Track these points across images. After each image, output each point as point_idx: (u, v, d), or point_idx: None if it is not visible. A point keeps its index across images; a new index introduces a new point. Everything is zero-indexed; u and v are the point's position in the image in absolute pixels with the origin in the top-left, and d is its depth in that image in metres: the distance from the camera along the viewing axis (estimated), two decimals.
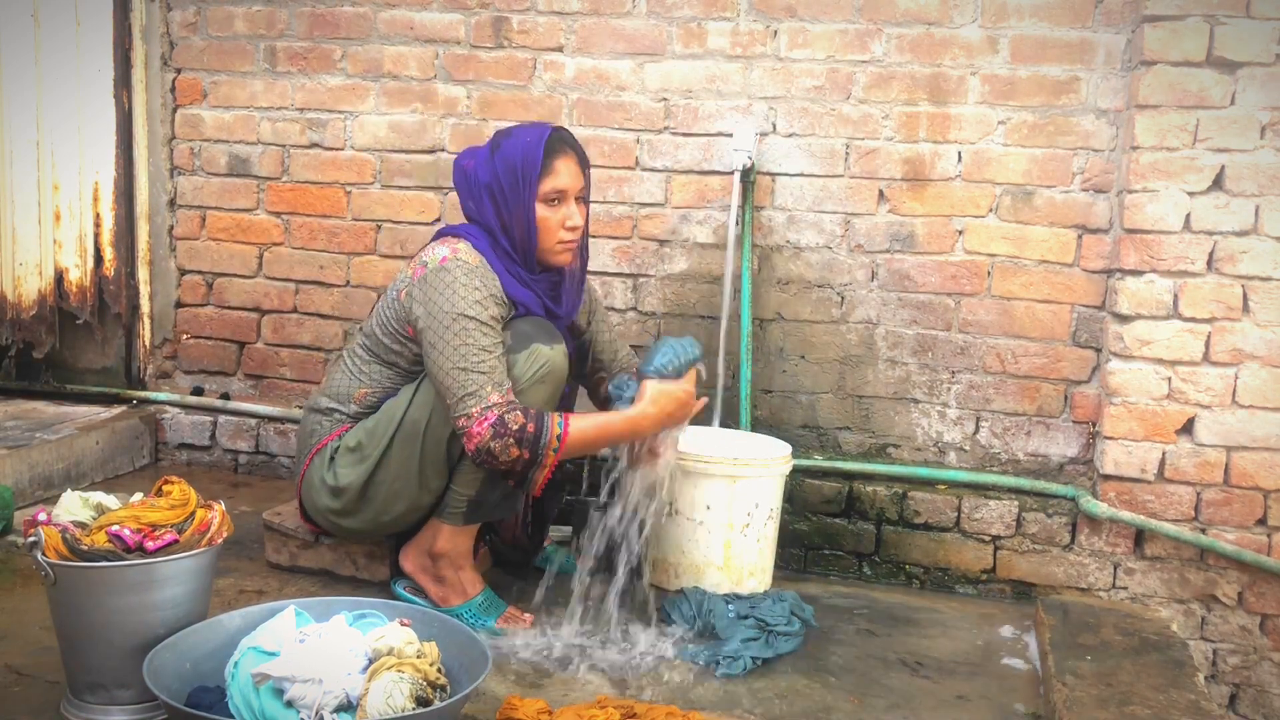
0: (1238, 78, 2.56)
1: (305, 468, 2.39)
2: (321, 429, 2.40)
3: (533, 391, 2.24)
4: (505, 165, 2.29)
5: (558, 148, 2.31)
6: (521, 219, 2.29)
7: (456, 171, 2.39)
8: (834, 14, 2.90)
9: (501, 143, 2.33)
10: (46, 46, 3.38)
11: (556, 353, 2.27)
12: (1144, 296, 2.65)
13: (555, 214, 2.31)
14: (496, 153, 2.31)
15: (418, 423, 2.27)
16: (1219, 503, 2.66)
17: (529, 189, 2.28)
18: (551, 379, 2.27)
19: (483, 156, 2.34)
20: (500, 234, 2.32)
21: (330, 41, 3.22)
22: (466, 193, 2.35)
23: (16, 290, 3.47)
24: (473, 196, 2.34)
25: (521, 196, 2.28)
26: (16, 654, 2.11)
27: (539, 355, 2.24)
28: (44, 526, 1.85)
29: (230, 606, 2.24)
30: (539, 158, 2.28)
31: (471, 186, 2.33)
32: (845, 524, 2.91)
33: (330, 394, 2.43)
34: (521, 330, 2.28)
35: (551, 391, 2.28)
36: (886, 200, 2.92)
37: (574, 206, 2.34)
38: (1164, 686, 2.17)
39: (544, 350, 2.25)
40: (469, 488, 2.29)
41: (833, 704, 2.14)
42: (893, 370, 2.96)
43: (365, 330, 2.44)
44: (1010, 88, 2.81)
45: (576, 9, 3.05)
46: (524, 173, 2.28)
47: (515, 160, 2.28)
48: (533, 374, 2.24)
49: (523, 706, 1.87)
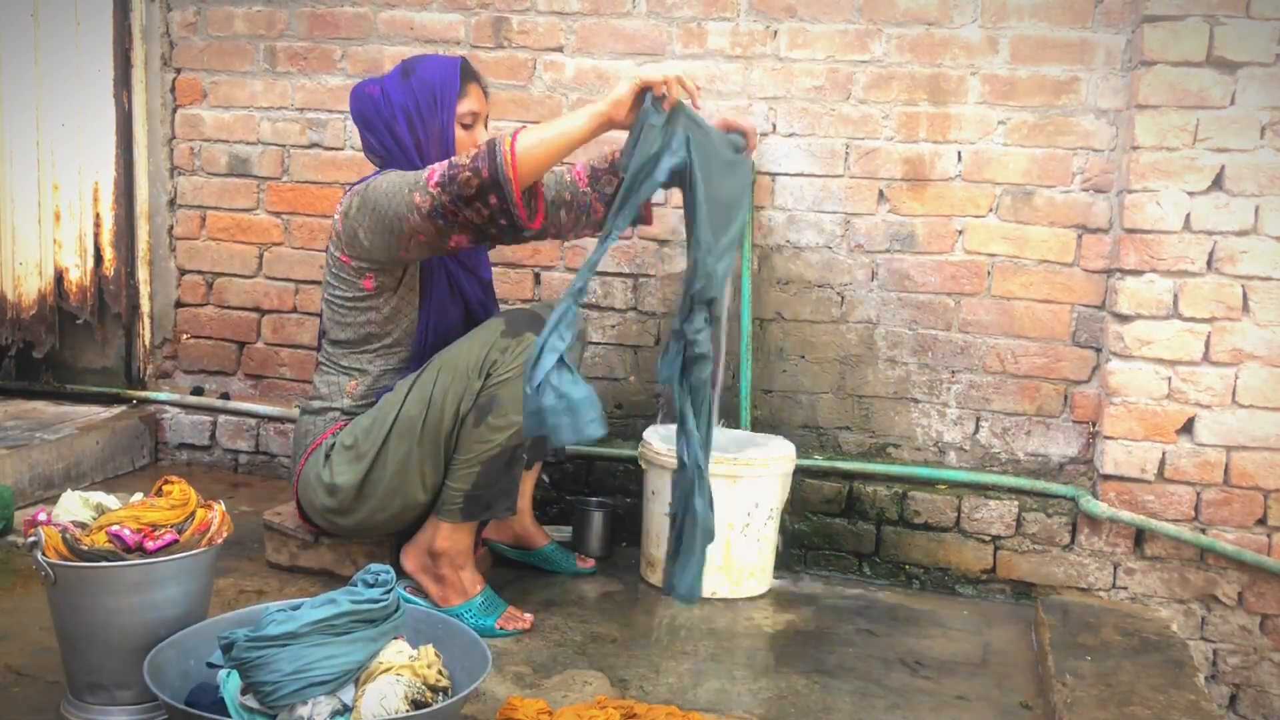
0: (1238, 78, 2.56)
1: (301, 467, 2.39)
2: (315, 428, 2.39)
3: (519, 385, 2.20)
4: (422, 86, 2.34)
5: (469, 74, 2.40)
6: (438, 138, 2.35)
7: (360, 99, 2.40)
8: (834, 14, 2.90)
9: (415, 67, 2.38)
10: (46, 46, 3.38)
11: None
12: (1144, 296, 2.65)
13: (469, 136, 2.38)
14: (411, 76, 2.36)
15: (414, 419, 2.26)
16: (1219, 503, 2.66)
17: (447, 110, 2.34)
18: None
19: (393, 81, 2.38)
20: (414, 157, 2.35)
21: (330, 41, 3.22)
22: (375, 115, 2.37)
23: (16, 290, 3.47)
24: (382, 118, 2.36)
25: (439, 117, 2.34)
26: (16, 654, 2.11)
27: (532, 345, 2.22)
28: (44, 526, 1.85)
29: (230, 606, 2.25)
30: (456, 81, 2.36)
31: (381, 108, 2.36)
32: (845, 524, 2.91)
33: (319, 395, 2.43)
34: (514, 319, 2.28)
35: None
36: (886, 200, 2.92)
37: (483, 130, 2.42)
38: (1164, 686, 2.17)
39: (537, 340, 2.24)
40: (464, 483, 2.29)
41: (833, 704, 2.14)
42: (893, 370, 2.96)
43: (322, 329, 2.45)
44: (1010, 88, 2.81)
45: (576, 9, 3.05)
46: (442, 95, 2.34)
47: (433, 82, 2.34)
48: (524, 363, 2.21)
49: (523, 707, 1.87)
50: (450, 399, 2.24)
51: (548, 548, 2.73)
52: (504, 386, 2.23)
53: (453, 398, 2.24)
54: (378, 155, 2.42)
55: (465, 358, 2.26)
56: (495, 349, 2.24)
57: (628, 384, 3.12)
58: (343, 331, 2.39)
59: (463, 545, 2.36)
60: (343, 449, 2.32)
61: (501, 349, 2.24)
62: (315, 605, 1.73)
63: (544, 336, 1.91)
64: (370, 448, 2.29)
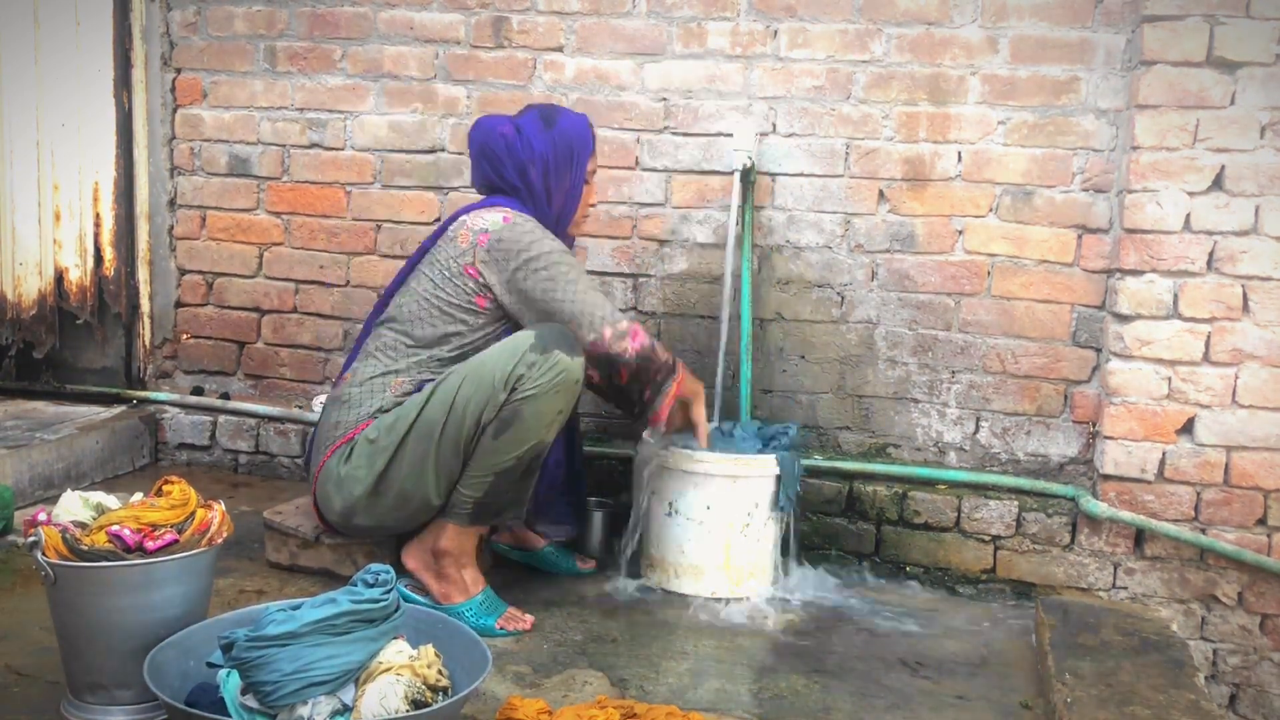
0: (1238, 78, 2.56)
1: (325, 459, 2.37)
2: (347, 421, 2.36)
3: (545, 400, 2.22)
4: (563, 139, 2.50)
5: (593, 133, 2.58)
6: (567, 190, 2.52)
7: (490, 135, 2.49)
8: (834, 14, 2.90)
9: (555, 119, 2.51)
10: (46, 46, 3.38)
11: (576, 364, 2.26)
12: (1144, 296, 2.65)
13: (589, 191, 2.59)
14: (552, 128, 2.50)
15: (434, 423, 2.25)
16: (1219, 503, 2.66)
17: (580, 168, 2.53)
18: (566, 390, 2.25)
19: (534, 127, 2.49)
20: (543, 201, 2.50)
21: (330, 41, 3.22)
22: (507, 154, 2.47)
23: (16, 290, 3.47)
24: (515, 158, 2.47)
25: (574, 170, 2.52)
26: (16, 654, 2.11)
27: (560, 364, 2.23)
28: (44, 526, 1.85)
29: (230, 606, 2.25)
30: (590, 141, 2.55)
31: (517, 149, 2.47)
32: (845, 524, 2.91)
33: (360, 385, 2.40)
34: (544, 335, 2.26)
35: (565, 403, 2.27)
36: (886, 200, 2.92)
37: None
38: (1164, 686, 2.17)
39: (565, 360, 2.23)
40: (477, 490, 2.28)
41: (833, 704, 2.14)
42: (893, 370, 2.96)
43: (400, 319, 2.42)
44: (1010, 88, 2.81)
45: (576, 9, 3.05)
46: (578, 150, 2.52)
47: (573, 137, 2.51)
48: (550, 381, 2.22)
49: (523, 707, 1.87)
50: (473, 407, 2.23)
51: (548, 549, 2.73)
52: (528, 403, 2.22)
53: (475, 406, 2.23)
54: (497, 189, 2.51)
55: (492, 369, 2.24)
56: (523, 363, 2.23)
57: None
58: (424, 329, 2.40)
59: (467, 546, 2.36)
60: (366, 443, 2.32)
61: (529, 364, 2.22)
62: (315, 605, 1.73)
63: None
64: (389, 444, 2.28)
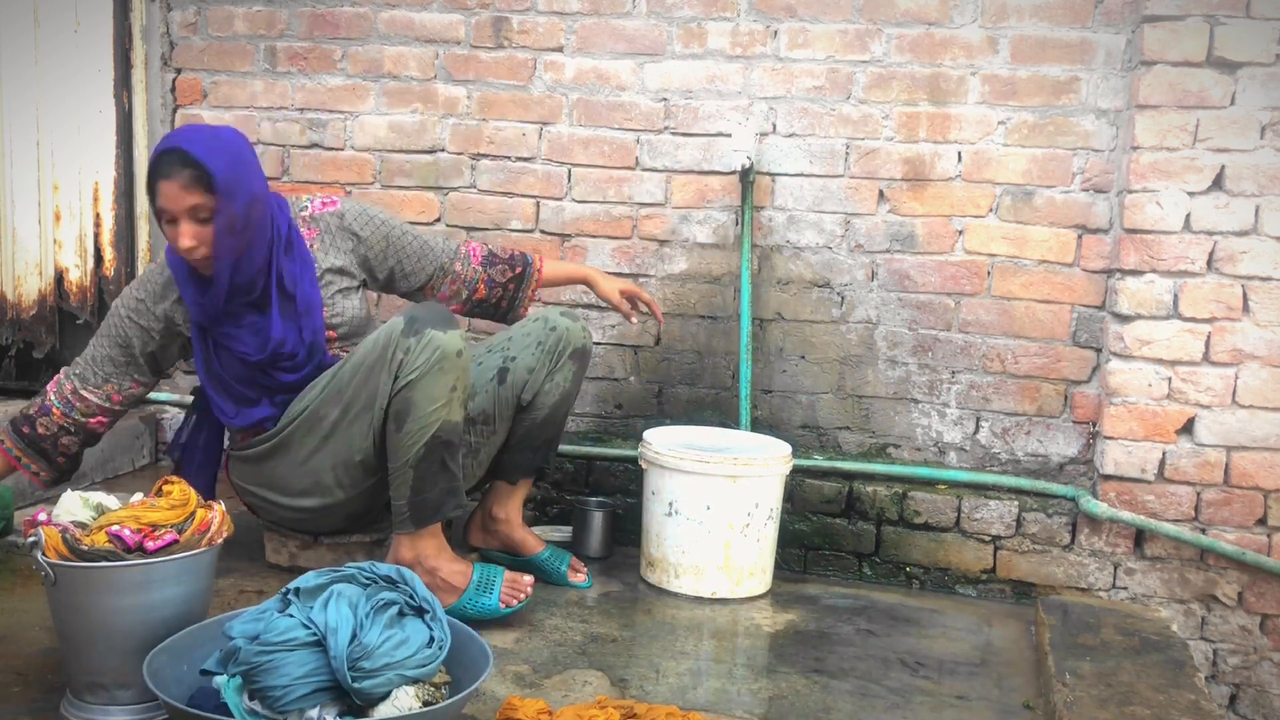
0: (1238, 78, 2.56)
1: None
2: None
3: (427, 382, 2.20)
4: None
5: (163, 169, 2.17)
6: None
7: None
8: (834, 14, 2.90)
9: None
10: (46, 46, 3.38)
11: (452, 338, 2.22)
12: (1144, 296, 2.65)
13: (171, 231, 2.21)
14: None
15: (323, 416, 2.33)
16: (1219, 503, 2.66)
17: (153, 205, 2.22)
18: (449, 366, 2.21)
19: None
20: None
21: (330, 41, 3.22)
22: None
23: (16, 290, 3.47)
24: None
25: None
26: (17, 655, 2.11)
27: (433, 342, 2.21)
28: (44, 526, 1.85)
29: (230, 606, 2.24)
30: (150, 180, 2.20)
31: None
32: (845, 524, 2.91)
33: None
34: (413, 314, 2.26)
35: (454, 381, 2.23)
36: (886, 200, 2.92)
37: (183, 226, 2.18)
38: (1164, 686, 2.17)
39: (439, 336, 2.21)
40: (403, 490, 2.27)
41: (833, 704, 2.14)
42: (893, 370, 2.96)
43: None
44: (1010, 88, 2.81)
45: (576, 9, 3.05)
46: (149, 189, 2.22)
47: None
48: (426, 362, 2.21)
49: (523, 707, 1.87)
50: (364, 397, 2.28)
51: (540, 555, 2.67)
52: (413, 388, 2.22)
53: (366, 396, 2.28)
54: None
55: (370, 357, 2.28)
56: (399, 349, 2.23)
57: (628, 384, 3.12)
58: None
59: (429, 550, 2.32)
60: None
61: (405, 349, 2.22)
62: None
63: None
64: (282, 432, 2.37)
